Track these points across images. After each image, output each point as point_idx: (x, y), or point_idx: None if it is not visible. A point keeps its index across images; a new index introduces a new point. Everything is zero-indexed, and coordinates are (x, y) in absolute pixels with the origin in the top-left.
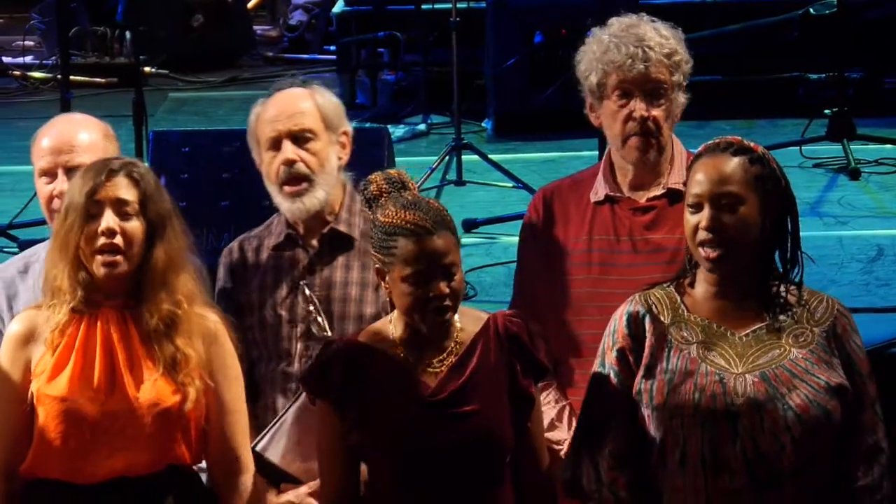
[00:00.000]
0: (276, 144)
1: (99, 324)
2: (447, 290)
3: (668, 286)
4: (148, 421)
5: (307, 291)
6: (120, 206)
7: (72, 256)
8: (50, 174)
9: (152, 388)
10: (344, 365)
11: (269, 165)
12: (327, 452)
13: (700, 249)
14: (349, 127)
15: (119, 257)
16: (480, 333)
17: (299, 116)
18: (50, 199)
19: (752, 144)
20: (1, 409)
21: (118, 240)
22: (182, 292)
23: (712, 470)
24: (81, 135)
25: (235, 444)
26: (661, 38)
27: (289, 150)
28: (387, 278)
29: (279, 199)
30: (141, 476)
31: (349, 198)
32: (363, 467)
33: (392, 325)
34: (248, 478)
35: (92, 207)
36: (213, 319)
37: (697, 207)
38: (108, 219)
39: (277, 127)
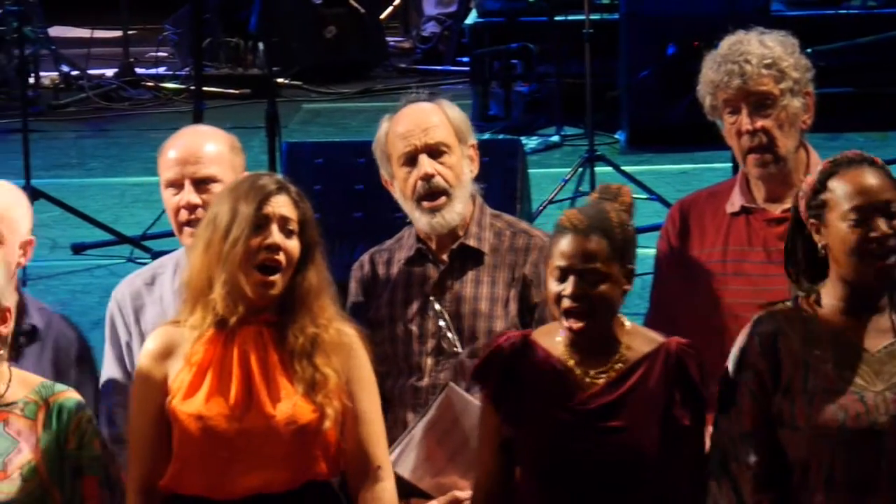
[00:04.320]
0: (411, 160)
1: (237, 342)
2: (579, 291)
3: (792, 303)
4: (286, 439)
5: (437, 307)
6: (284, 223)
7: (234, 269)
8: (177, 185)
9: (290, 407)
10: (505, 360)
11: (405, 181)
12: (483, 441)
13: (860, 260)
14: (475, 140)
15: (277, 276)
16: (648, 356)
17: (434, 130)
18: (177, 210)
19: (872, 157)
20: (138, 424)
21: (280, 256)
22: (325, 316)
23: (858, 489)
24: (208, 146)
25: (376, 453)
26: (763, 50)
27: (426, 164)
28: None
29: (417, 215)
30: (280, 493)
31: (479, 211)
32: None
33: (561, 329)
34: (391, 485)
35: (259, 221)
36: (349, 333)
37: (862, 219)
38: (276, 234)
39: (413, 141)
